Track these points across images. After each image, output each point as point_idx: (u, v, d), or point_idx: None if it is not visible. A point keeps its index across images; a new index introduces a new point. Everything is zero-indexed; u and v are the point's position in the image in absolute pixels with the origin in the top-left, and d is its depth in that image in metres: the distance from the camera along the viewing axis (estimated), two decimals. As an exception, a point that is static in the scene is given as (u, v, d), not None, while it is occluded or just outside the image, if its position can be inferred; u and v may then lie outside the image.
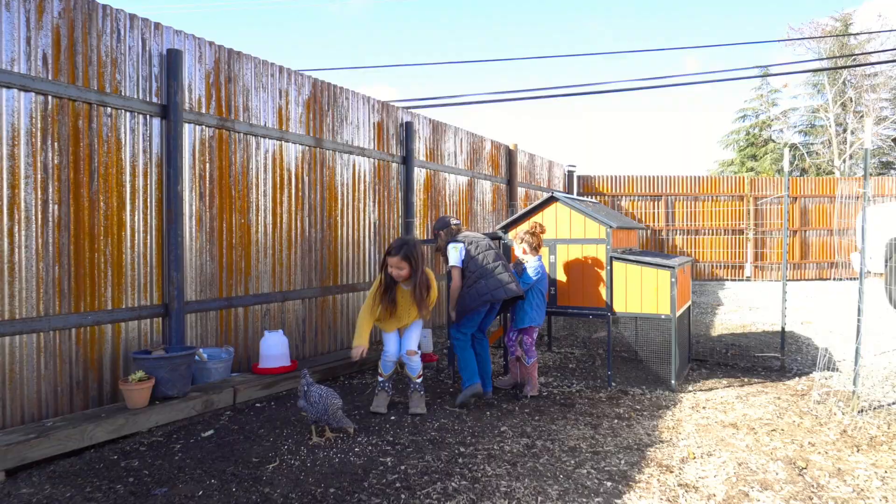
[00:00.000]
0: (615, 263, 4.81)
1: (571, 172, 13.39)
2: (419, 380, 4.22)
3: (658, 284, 4.67)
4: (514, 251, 4.84)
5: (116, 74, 4.09)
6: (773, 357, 5.80)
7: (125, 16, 4.15)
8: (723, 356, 5.97)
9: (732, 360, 5.77)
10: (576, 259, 4.96)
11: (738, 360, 5.77)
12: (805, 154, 27.99)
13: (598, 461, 3.28)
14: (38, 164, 3.69)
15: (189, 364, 4.06)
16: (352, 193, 6.22)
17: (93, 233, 3.97)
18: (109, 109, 4.06)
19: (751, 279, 13.63)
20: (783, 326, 5.54)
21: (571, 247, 4.98)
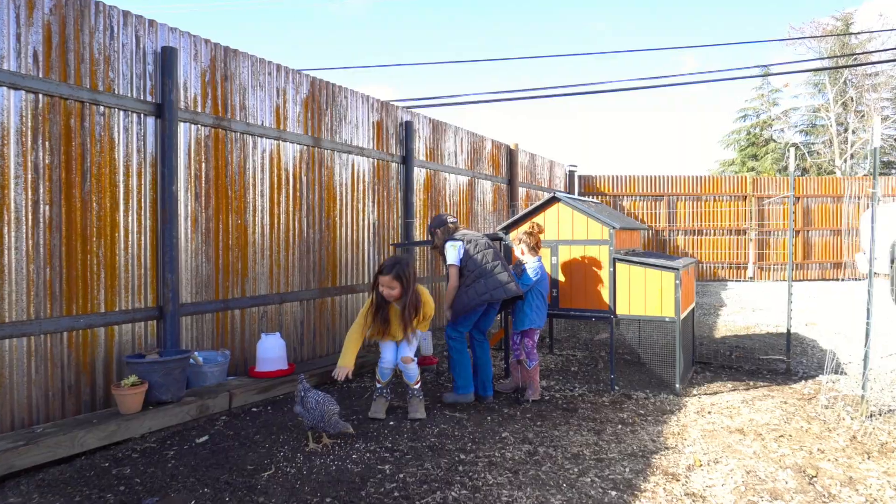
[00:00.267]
0: (618, 265, 4.72)
1: (573, 172, 13.29)
2: (417, 386, 4.13)
3: (662, 286, 4.58)
4: (514, 252, 4.76)
5: (109, 72, 4.01)
6: (779, 359, 5.71)
7: (118, 12, 4.06)
8: (727, 358, 5.88)
9: (737, 363, 5.68)
10: (578, 260, 4.87)
11: (743, 363, 5.68)
12: (806, 154, 27.88)
13: (602, 469, 3.20)
14: (29, 164, 3.60)
15: (184, 368, 3.97)
16: (351, 194, 6.13)
17: (85, 234, 3.88)
18: (102, 108, 3.97)
19: (753, 280, 13.53)
20: (789, 328, 5.45)
21: (574, 248, 4.90)
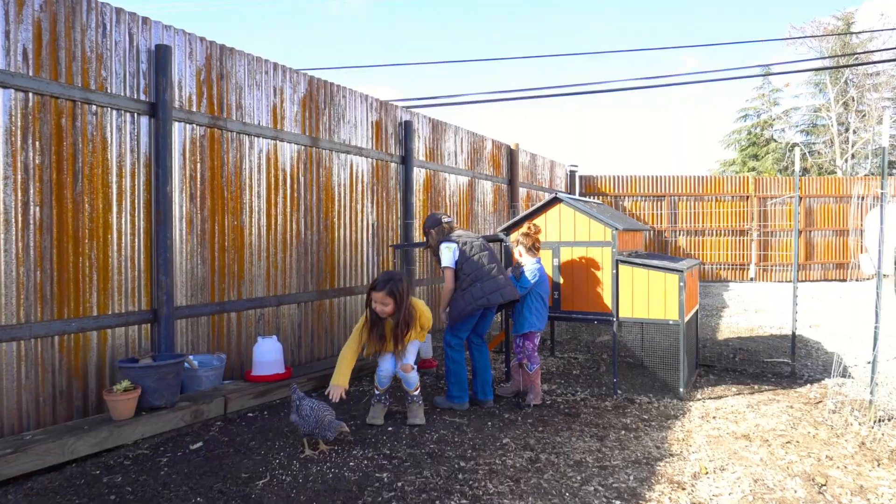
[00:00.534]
0: (621, 267, 4.63)
1: (573, 172, 13.21)
2: (417, 392, 4.04)
3: (666, 289, 4.49)
4: (514, 254, 4.68)
5: (102, 71, 3.92)
6: (783, 362, 5.63)
7: (111, 10, 3.98)
8: (731, 361, 5.79)
9: (741, 366, 5.59)
10: (580, 262, 4.79)
11: (747, 366, 5.60)
12: (807, 153, 27.79)
13: (606, 477, 3.12)
14: (18, 164, 3.52)
15: (178, 372, 3.89)
16: (349, 194, 6.05)
17: (77, 236, 3.80)
18: (94, 107, 3.89)
19: (755, 280, 13.45)
20: (793, 331, 5.36)
21: (576, 249, 4.81)
